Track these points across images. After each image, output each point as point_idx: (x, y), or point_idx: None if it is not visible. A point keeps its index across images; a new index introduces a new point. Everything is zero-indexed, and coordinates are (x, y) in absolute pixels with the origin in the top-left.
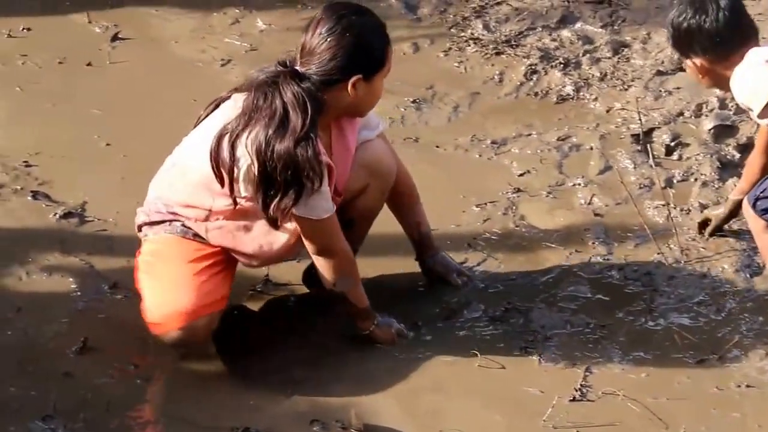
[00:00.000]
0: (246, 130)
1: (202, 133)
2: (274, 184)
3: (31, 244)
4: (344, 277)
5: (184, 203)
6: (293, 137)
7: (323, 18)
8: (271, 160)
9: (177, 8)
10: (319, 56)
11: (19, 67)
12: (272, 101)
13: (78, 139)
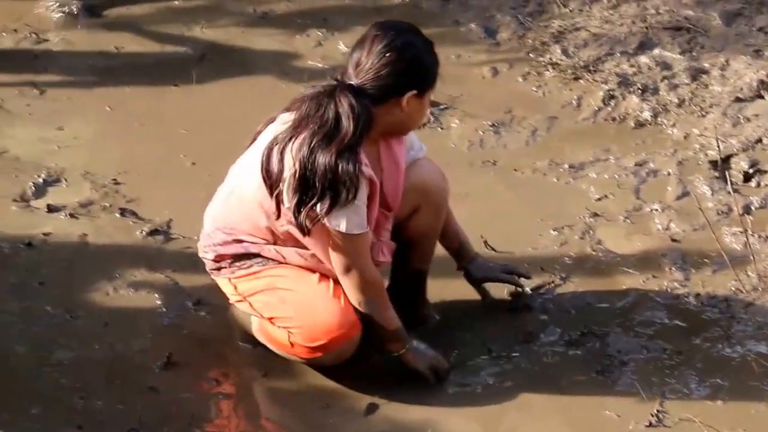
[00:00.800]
0: (295, 138)
1: (252, 154)
2: (311, 189)
3: (119, 260)
4: (370, 299)
5: (248, 231)
6: (337, 148)
7: (379, 35)
8: (312, 166)
9: (262, 30)
10: (376, 72)
11: (109, 86)
12: (325, 111)
13: (164, 158)
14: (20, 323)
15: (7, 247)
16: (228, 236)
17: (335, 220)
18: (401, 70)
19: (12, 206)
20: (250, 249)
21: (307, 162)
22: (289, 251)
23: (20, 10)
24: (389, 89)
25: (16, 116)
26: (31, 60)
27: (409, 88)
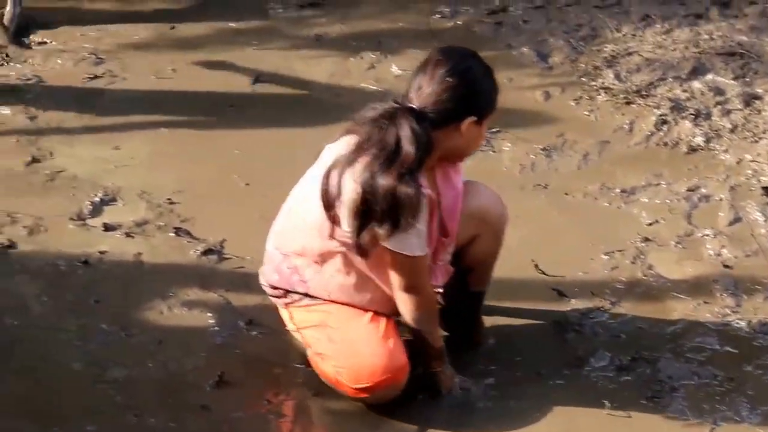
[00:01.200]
0: (355, 161)
1: (312, 175)
2: (372, 213)
3: (173, 279)
4: (425, 318)
5: (299, 251)
6: (398, 172)
7: (441, 60)
8: (373, 190)
9: (316, 53)
10: (437, 96)
11: (165, 107)
12: (386, 134)
13: (219, 179)
14: (76, 340)
15: (64, 265)
16: (283, 258)
17: (397, 243)
18: (462, 96)
19: (69, 224)
20: (296, 287)
21: (368, 186)
22: (334, 284)
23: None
24: (449, 114)
25: (74, 136)
26: (89, 80)
27: (469, 113)
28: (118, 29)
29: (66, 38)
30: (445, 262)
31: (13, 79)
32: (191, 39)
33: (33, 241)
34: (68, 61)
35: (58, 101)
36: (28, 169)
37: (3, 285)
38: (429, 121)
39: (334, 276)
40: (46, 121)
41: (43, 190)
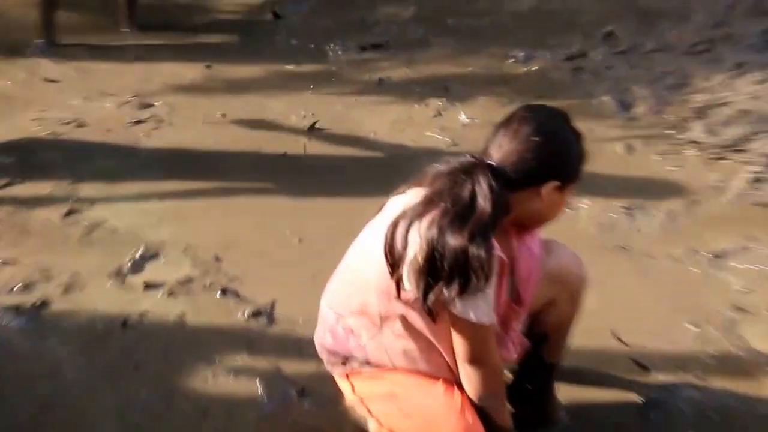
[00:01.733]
0: (424, 215)
1: (375, 229)
2: (439, 273)
3: (219, 343)
4: (490, 393)
5: (356, 310)
6: (470, 230)
7: (528, 117)
8: (441, 249)
9: (378, 98)
10: (519, 155)
11: (213, 156)
12: (461, 189)
13: (270, 234)
14: (113, 410)
15: (101, 327)
16: (337, 318)
17: (463, 308)
18: (546, 158)
19: (107, 282)
20: (354, 353)
21: (437, 243)
22: (396, 350)
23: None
24: (530, 176)
25: (115, 185)
26: (133, 125)
27: (552, 177)
28: (165, 69)
29: (109, 77)
30: (517, 333)
31: (50, 122)
32: (243, 81)
33: (68, 300)
34: (110, 104)
35: (99, 147)
36: (64, 221)
37: (35, 348)
38: (508, 181)
39: (394, 341)
40: (86, 169)
41: (80, 244)
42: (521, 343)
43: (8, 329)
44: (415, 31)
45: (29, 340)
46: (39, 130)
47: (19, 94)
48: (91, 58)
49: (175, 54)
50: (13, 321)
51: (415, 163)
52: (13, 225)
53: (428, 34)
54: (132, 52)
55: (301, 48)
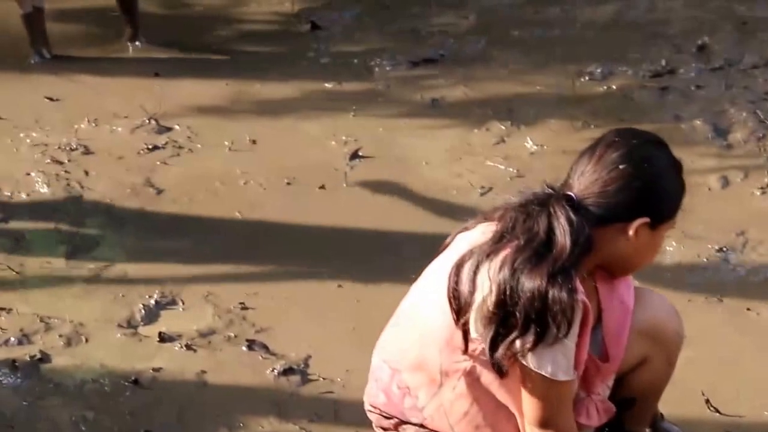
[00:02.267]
0: (494, 254)
1: (436, 271)
2: (512, 320)
3: (244, 404)
4: None
5: (413, 364)
6: (549, 269)
7: (616, 142)
8: (514, 292)
9: (431, 121)
10: (603, 185)
11: (239, 188)
12: (535, 223)
13: (304, 278)
14: None
15: (109, 385)
16: (392, 374)
17: (537, 360)
18: (634, 190)
19: (116, 333)
20: (410, 417)
21: (509, 286)
22: (457, 413)
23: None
24: (615, 210)
25: (127, 221)
26: (148, 152)
27: (641, 213)
28: (185, 87)
29: (120, 96)
30: (603, 396)
31: (52, 148)
32: (275, 101)
33: (71, 354)
34: (122, 127)
35: (108, 177)
36: (68, 263)
37: (32, 408)
38: (589, 214)
39: (456, 402)
40: (92, 202)
41: (85, 290)
42: (606, 409)
43: (1, 387)
44: (474, 44)
45: (25, 401)
46: (40, 158)
47: (17, 114)
48: (98, 73)
49: (196, 70)
50: (8, 378)
51: (473, 197)
52: (9, 267)
53: (490, 47)
54: (146, 68)
55: (342, 63)
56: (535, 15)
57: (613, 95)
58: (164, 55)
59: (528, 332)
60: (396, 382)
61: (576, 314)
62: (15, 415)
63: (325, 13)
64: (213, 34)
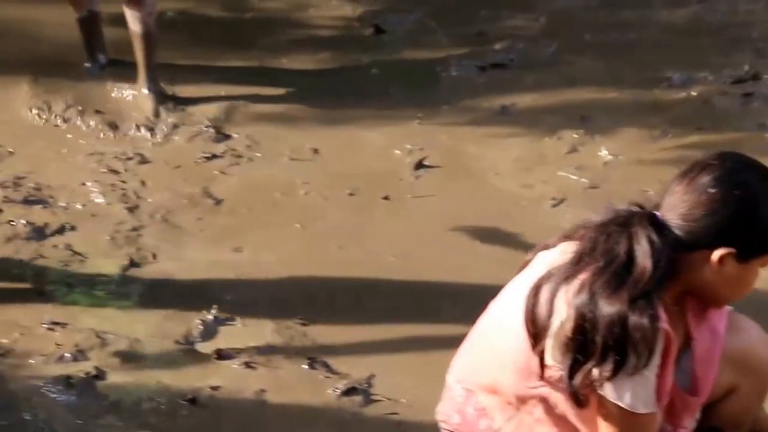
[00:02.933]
0: (573, 277)
1: (514, 292)
2: (589, 347)
3: (305, 425)
4: None
5: (488, 387)
6: (629, 294)
7: (712, 164)
8: (593, 317)
9: (500, 129)
10: (690, 208)
11: (301, 199)
12: (616, 244)
13: (368, 294)
14: None
15: (165, 404)
16: (466, 395)
17: (616, 391)
18: (722, 217)
19: (173, 349)
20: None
21: (587, 310)
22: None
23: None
24: (699, 235)
25: (184, 232)
26: (206, 161)
27: (727, 243)
28: (245, 93)
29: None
30: (689, 429)
31: (108, 157)
32: (337, 109)
33: (126, 371)
34: (180, 135)
35: (165, 187)
36: (124, 276)
37: (88, 427)
38: (672, 237)
39: (535, 426)
40: (150, 213)
41: (142, 304)
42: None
43: (56, 405)
44: (545, 48)
45: (80, 419)
46: (96, 168)
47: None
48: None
49: (255, 77)
50: (63, 395)
51: (545, 208)
52: (65, 280)
53: (562, 51)
54: (206, 75)
55: (407, 68)
56: (610, 18)
57: (692, 102)
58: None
59: (606, 361)
60: (472, 403)
61: (657, 343)
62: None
63: (389, 17)
64: (273, 39)
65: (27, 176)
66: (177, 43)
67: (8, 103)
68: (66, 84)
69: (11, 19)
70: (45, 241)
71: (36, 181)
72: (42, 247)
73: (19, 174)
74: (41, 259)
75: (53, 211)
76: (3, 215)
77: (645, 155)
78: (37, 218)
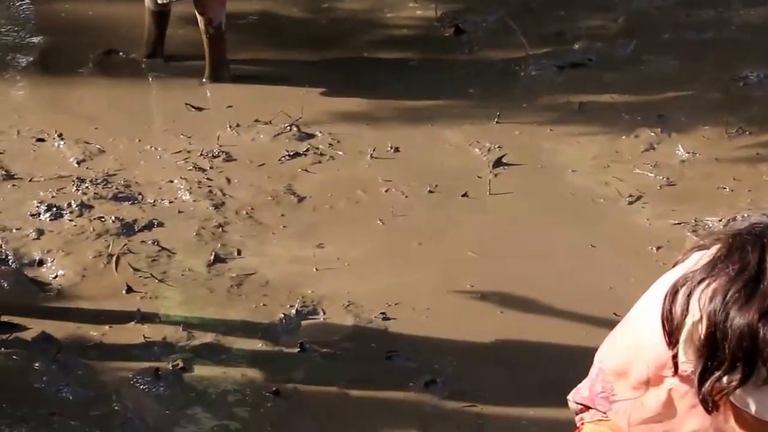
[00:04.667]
0: (706, 281)
1: (662, 286)
2: (719, 354)
3: (386, 417)
4: None
5: (619, 370)
6: (760, 306)
7: None
8: (724, 327)
9: (576, 127)
10: None
11: (382, 196)
12: (747, 255)
13: (447, 288)
14: None
15: (250, 395)
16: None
17: (744, 399)
18: None
19: (258, 342)
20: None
21: (719, 319)
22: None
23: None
24: None
25: (268, 228)
26: (289, 159)
27: None
28: (327, 92)
29: (263, 103)
30: None
31: (195, 155)
32: (417, 108)
33: (212, 363)
34: (263, 134)
35: (250, 185)
36: (209, 271)
37: (175, 417)
38: None
39: (645, 408)
40: (235, 209)
41: (227, 298)
42: None
43: (145, 395)
44: (623, 47)
45: (168, 410)
46: (182, 165)
47: (158, 123)
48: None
49: (338, 76)
50: (151, 386)
51: (621, 206)
52: (153, 274)
53: (640, 50)
54: (288, 74)
55: (486, 68)
56: (687, 17)
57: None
58: (302, 58)
59: (735, 370)
60: (600, 381)
61: None
62: (157, 423)
63: (469, 17)
64: (355, 38)
65: (117, 173)
66: (259, 44)
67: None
68: (146, 82)
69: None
70: (133, 236)
71: (125, 178)
72: (131, 242)
73: (110, 171)
74: (130, 255)
75: (141, 208)
76: (93, 211)
77: (721, 153)
78: (126, 214)
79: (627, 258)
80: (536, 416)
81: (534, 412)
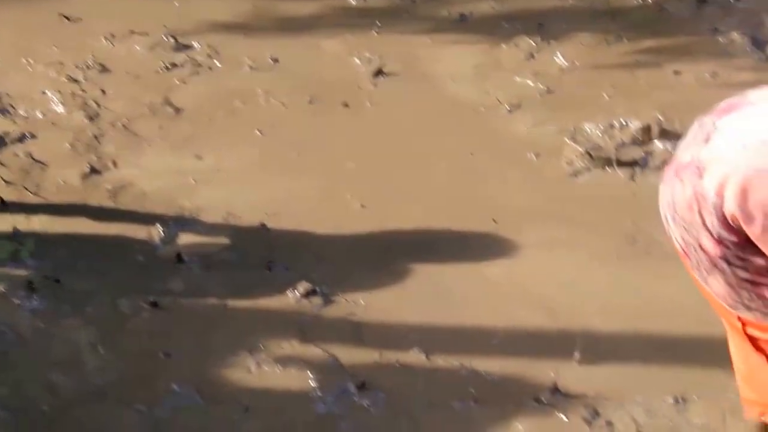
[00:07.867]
0: None
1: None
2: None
3: (264, 327)
4: None
5: None
6: None
7: None
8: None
9: (458, 37)
10: None
11: (260, 107)
12: None
13: (326, 198)
14: (138, 404)
15: (127, 307)
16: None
17: None
18: None
19: (136, 254)
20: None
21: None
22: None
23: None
24: None
25: (144, 140)
26: (166, 71)
27: None
28: (204, 2)
29: (139, 14)
30: None
31: (68, 67)
32: (297, 18)
33: (87, 276)
34: (140, 45)
35: (125, 96)
36: (85, 182)
37: (48, 331)
38: None
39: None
40: (110, 121)
41: (103, 210)
42: None
43: (19, 308)
44: None
45: (44, 322)
46: (56, 77)
47: (32, 32)
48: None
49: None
50: (26, 300)
51: (501, 114)
52: (26, 187)
53: None
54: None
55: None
56: None
57: (648, 8)
58: None
59: None
60: None
61: None
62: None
63: None
64: None
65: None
66: None
67: None
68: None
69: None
70: (5, 149)
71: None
72: (2, 155)
73: None
74: (1, 168)
75: (13, 120)
76: None
77: (600, 61)
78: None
79: (506, 165)
80: (416, 323)
81: (414, 319)
